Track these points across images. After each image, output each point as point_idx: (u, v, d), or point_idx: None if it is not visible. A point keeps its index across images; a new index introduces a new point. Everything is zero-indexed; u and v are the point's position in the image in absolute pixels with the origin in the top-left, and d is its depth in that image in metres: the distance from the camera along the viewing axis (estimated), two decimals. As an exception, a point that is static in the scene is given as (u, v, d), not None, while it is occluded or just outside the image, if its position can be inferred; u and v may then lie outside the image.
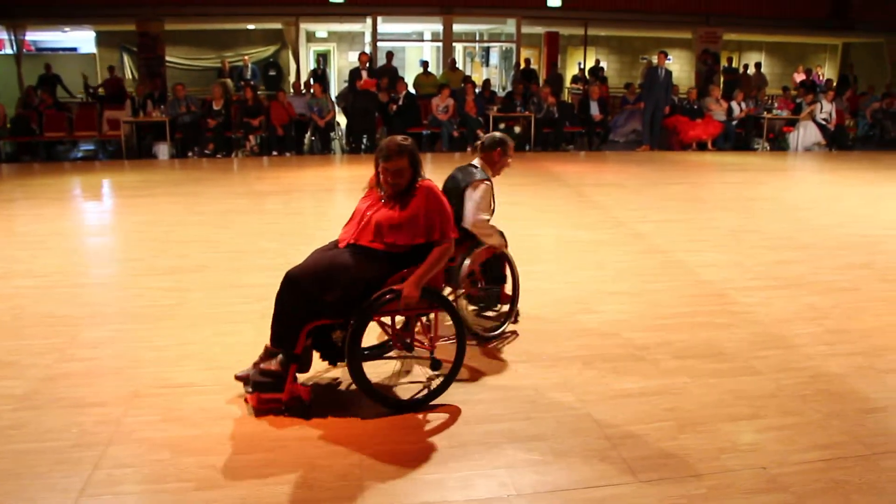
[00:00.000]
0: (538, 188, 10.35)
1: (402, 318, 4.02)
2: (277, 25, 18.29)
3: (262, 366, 3.78)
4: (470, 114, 14.17)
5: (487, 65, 22.13)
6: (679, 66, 20.90)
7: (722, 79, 18.29)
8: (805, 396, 4.08)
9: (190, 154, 13.58)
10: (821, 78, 20.18)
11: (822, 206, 9.82)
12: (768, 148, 15.76)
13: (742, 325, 5.16)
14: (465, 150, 13.72)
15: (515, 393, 4.06)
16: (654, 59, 15.61)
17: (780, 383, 4.24)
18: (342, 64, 21.91)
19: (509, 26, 18.30)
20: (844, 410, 3.96)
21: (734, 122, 15.55)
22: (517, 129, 14.64)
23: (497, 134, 4.99)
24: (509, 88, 16.45)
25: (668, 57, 16.56)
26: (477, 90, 15.08)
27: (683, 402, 3.97)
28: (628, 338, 4.87)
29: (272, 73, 19.79)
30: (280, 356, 3.74)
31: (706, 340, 4.85)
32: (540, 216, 8.67)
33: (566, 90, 19.53)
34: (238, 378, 3.88)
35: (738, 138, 15.62)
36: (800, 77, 19.67)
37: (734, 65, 19.89)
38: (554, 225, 8.26)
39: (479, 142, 5.00)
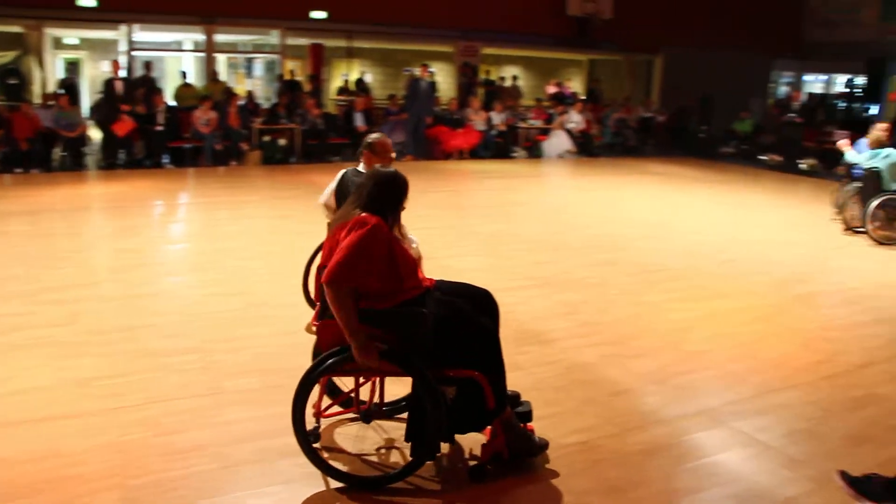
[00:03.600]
0: (306, 200, 10.25)
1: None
2: (18, 29, 16.81)
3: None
4: (233, 126, 13.81)
5: (251, 76, 21.70)
6: (441, 78, 21.60)
7: (481, 90, 19.13)
8: (562, 387, 4.38)
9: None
10: (570, 90, 21.65)
11: (574, 209, 10.55)
12: (525, 155, 16.69)
13: (504, 325, 5.37)
14: (228, 164, 13.34)
15: (285, 409, 4.01)
16: (417, 72, 16.04)
17: (539, 377, 4.51)
18: (95, 73, 20.55)
19: (273, 37, 18.04)
20: (596, 396, 4.30)
21: (493, 132, 16.30)
22: (282, 142, 14.44)
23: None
24: (274, 100, 16.21)
25: (430, 69, 17.07)
26: (241, 102, 14.73)
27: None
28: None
29: (13, 81, 18.13)
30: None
31: (471, 340, 5.04)
32: (308, 228, 8.57)
33: (331, 102, 19.56)
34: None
35: (496, 147, 16.38)
36: (552, 89, 21.00)
37: (492, 77, 20.87)
38: (323, 237, 8.22)
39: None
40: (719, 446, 3.84)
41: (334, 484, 3.33)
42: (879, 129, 9.46)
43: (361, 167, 4.93)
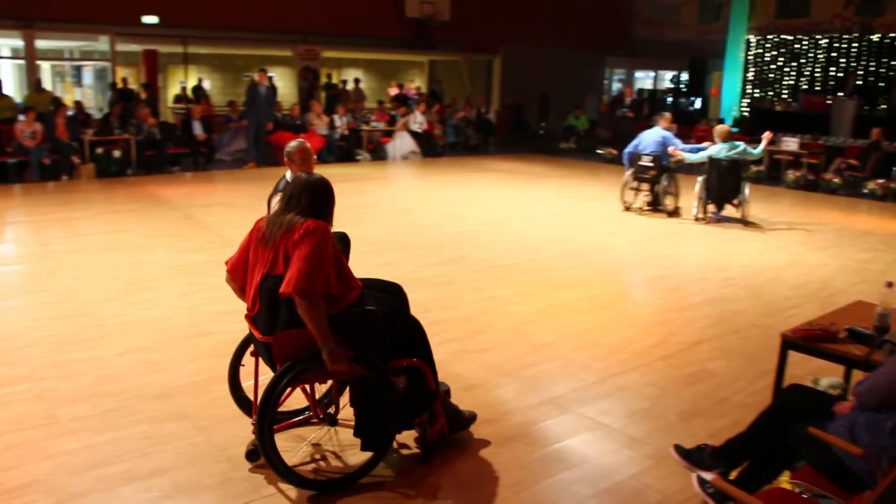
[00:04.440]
0: (144, 213, 9.85)
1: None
2: None
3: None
4: (62, 139, 13.06)
5: (80, 85, 20.63)
6: (282, 83, 21.29)
7: (323, 94, 18.98)
8: (413, 386, 4.39)
9: None
10: (412, 92, 21.85)
11: (420, 209, 10.66)
12: (370, 158, 16.69)
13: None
14: (59, 179, 12.61)
15: (129, 431, 3.85)
16: (256, 77, 15.70)
17: (390, 378, 4.51)
18: None
19: (103, 43, 17.20)
20: (447, 393, 4.34)
21: (337, 136, 16.20)
22: (117, 154, 13.78)
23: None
24: (106, 110, 15.45)
25: (270, 74, 16.76)
26: (69, 113, 13.95)
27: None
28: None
29: None
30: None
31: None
32: (147, 242, 8.26)
33: (168, 110, 18.88)
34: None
35: (340, 150, 16.30)
36: (394, 91, 21.12)
37: (334, 80, 20.76)
38: (163, 250, 7.92)
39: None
40: (567, 432, 3.98)
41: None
42: (665, 120, 10.47)
43: (289, 174, 5.01)
